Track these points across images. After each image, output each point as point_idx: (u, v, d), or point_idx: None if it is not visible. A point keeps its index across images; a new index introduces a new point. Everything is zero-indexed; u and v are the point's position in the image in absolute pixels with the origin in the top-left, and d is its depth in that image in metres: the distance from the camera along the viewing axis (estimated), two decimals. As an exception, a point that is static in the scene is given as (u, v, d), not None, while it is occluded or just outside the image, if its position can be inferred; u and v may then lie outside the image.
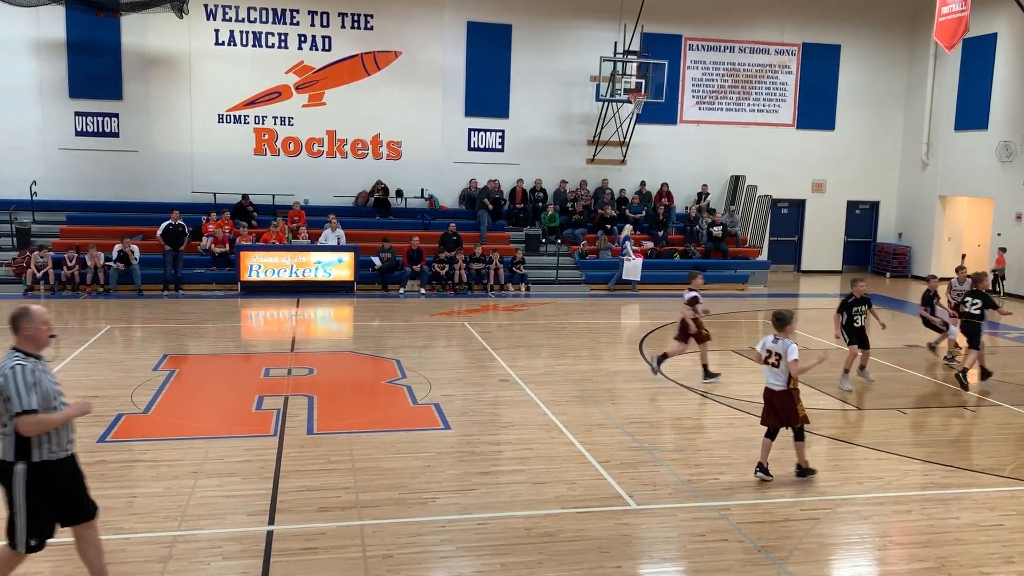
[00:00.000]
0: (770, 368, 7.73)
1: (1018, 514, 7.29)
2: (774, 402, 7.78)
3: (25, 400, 4.81)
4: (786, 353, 7.60)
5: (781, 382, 7.69)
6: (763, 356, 7.80)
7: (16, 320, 5.06)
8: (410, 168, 22.54)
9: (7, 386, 4.83)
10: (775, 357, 7.68)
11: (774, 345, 7.70)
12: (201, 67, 21.29)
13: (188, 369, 11.94)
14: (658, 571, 6.21)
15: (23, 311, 5.09)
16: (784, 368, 7.63)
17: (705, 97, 24.16)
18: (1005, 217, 21.90)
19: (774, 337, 7.74)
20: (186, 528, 6.56)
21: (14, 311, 5.13)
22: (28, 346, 5.05)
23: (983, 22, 21.48)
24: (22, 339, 5.05)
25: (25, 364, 4.91)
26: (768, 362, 7.74)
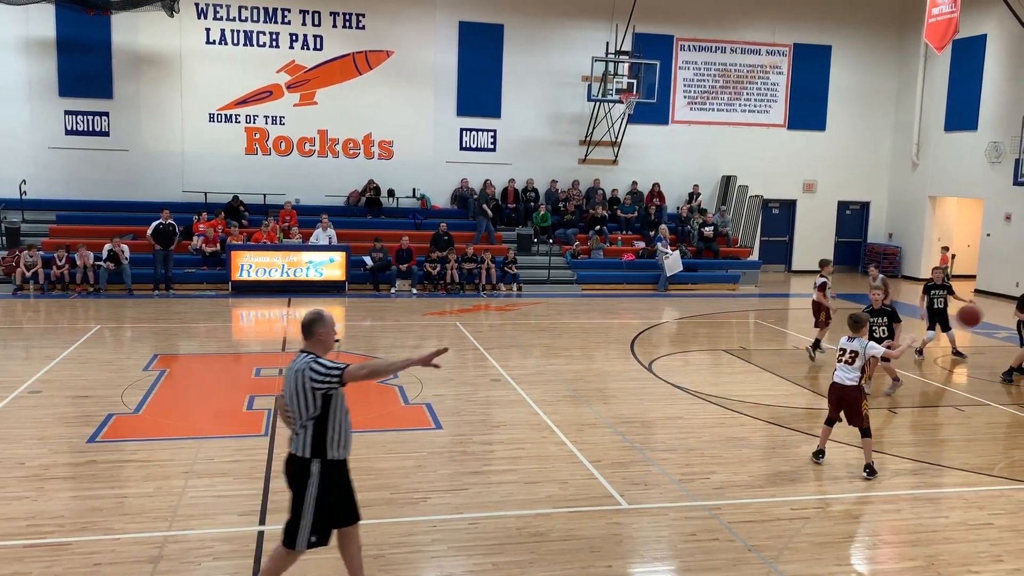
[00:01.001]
0: (843, 365, 8.16)
1: (1007, 513, 7.34)
2: (844, 396, 8.17)
3: (334, 367, 4.97)
4: (865, 350, 8.12)
5: (854, 378, 8.12)
6: (837, 354, 8.24)
7: (312, 324, 5.23)
8: (402, 168, 22.52)
9: (313, 368, 5.00)
10: (850, 355, 8.12)
11: (849, 343, 8.17)
12: (192, 66, 21.23)
13: (179, 369, 11.90)
14: (649, 570, 6.23)
15: (318, 316, 5.26)
16: (857, 365, 8.10)
17: (696, 97, 24.22)
18: (994, 217, 22.02)
19: (849, 336, 8.22)
20: (177, 528, 6.55)
21: (309, 315, 5.27)
22: (318, 349, 5.24)
23: (973, 23, 21.58)
24: (315, 342, 5.25)
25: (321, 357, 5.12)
26: (842, 360, 8.17)
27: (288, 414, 5.21)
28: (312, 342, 5.24)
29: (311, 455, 5.07)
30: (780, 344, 14.97)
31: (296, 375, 5.09)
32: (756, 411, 10.26)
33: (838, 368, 8.25)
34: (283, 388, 5.26)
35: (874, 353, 8.26)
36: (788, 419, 9.98)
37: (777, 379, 12.11)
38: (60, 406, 9.78)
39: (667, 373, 12.12)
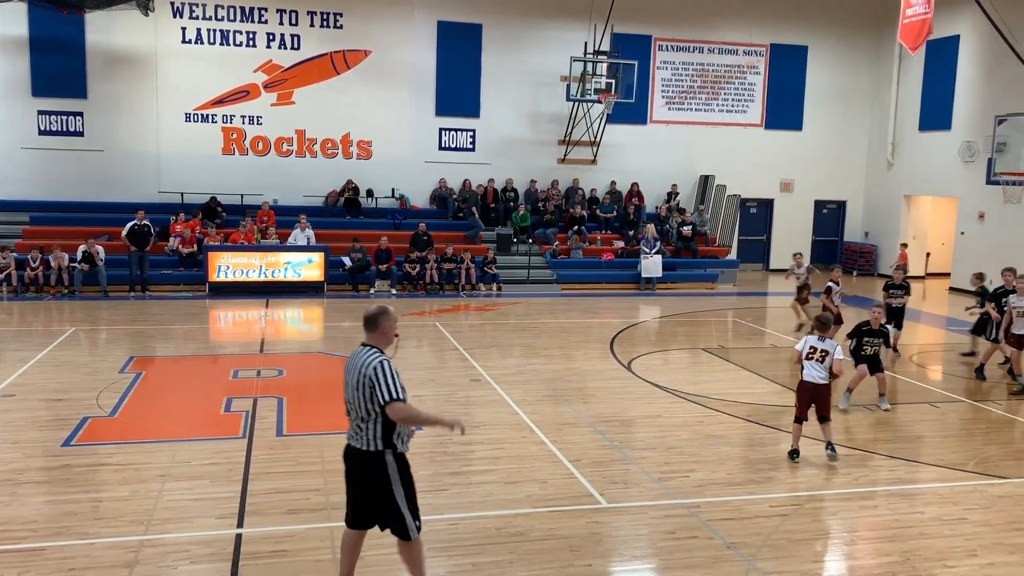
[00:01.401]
0: (813, 363, 8.40)
1: (981, 508, 7.42)
2: (815, 395, 8.43)
3: (395, 390, 5.02)
4: (834, 352, 8.37)
5: (821, 377, 8.37)
6: (806, 353, 8.44)
7: (377, 318, 5.27)
8: (380, 168, 22.44)
9: (377, 378, 5.02)
10: (820, 354, 8.36)
11: (820, 343, 8.41)
12: (168, 65, 21.04)
13: (155, 371, 11.79)
14: (628, 569, 6.24)
15: (383, 310, 5.33)
16: (828, 363, 8.35)
17: (674, 97, 24.32)
18: (968, 216, 22.28)
19: (819, 337, 8.47)
20: (153, 532, 6.48)
21: (375, 308, 5.33)
22: (380, 343, 5.29)
23: (946, 24, 21.82)
24: (379, 335, 5.29)
25: (389, 359, 5.18)
26: (812, 358, 8.40)
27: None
28: (376, 335, 5.28)
29: (383, 447, 5.15)
30: (758, 342, 15.06)
31: (361, 372, 5.11)
32: (735, 409, 10.32)
33: (808, 366, 8.41)
34: (345, 379, 5.28)
35: (838, 357, 8.40)
36: (766, 417, 10.05)
37: (756, 377, 12.18)
38: (34, 409, 9.66)
39: (646, 372, 12.16)
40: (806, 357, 8.44)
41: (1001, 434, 9.82)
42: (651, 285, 20.80)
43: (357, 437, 5.20)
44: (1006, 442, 9.52)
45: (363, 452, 5.17)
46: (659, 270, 20.79)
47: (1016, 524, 7.06)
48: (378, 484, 5.17)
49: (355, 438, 5.22)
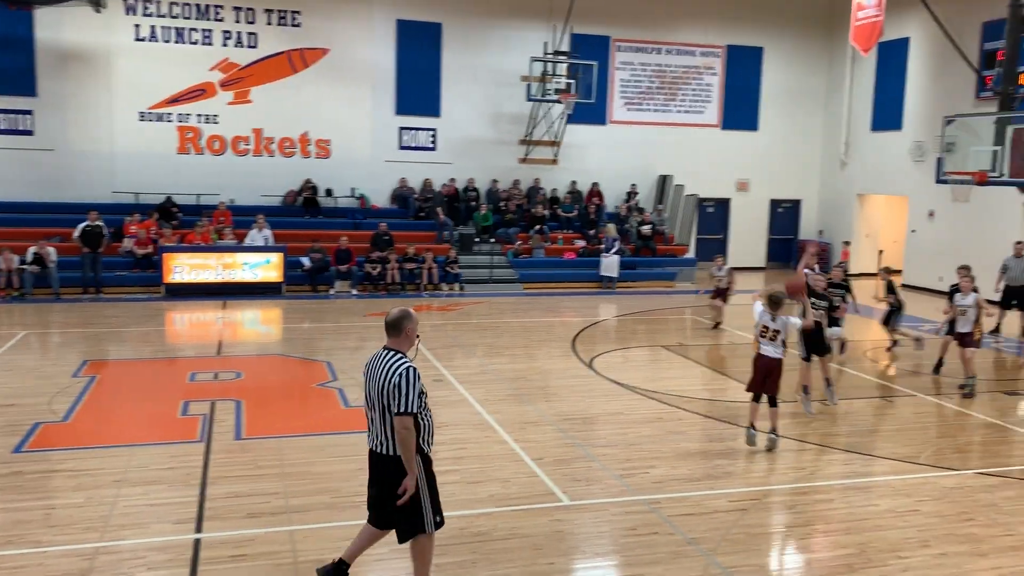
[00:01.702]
0: (767, 341, 8.70)
1: (932, 499, 7.60)
2: (771, 370, 8.72)
3: (412, 403, 5.03)
4: (787, 326, 8.69)
5: (779, 351, 8.71)
6: (760, 331, 8.76)
7: (401, 321, 5.23)
8: (340, 167, 22.28)
9: (401, 385, 5.02)
10: (772, 332, 8.67)
11: (772, 323, 8.67)
12: (121, 63, 20.65)
13: (109, 375, 11.57)
14: (591, 566, 6.28)
15: (406, 313, 5.29)
16: (780, 341, 8.67)
17: (633, 98, 24.51)
18: (919, 214, 22.79)
19: (772, 316, 8.68)
20: (109, 539, 6.36)
21: (397, 312, 5.27)
22: (405, 346, 5.24)
23: (896, 27, 22.29)
24: (403, 339, 5.24)
25: (414, 366, 5.14)
26: (766, 336, 8.70)
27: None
28: (400, 339, 5.25)
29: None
30: (716, 340, 15.24)
31: (385, 376, 5.11)
32: (693, 405, 10.44)
33: (763, 343, 8.77)
34: (365, 385, 5.26)
35: (794, 321, 8.84)
36: (724, 413, 10.18)
37: (713, 374, 12.34)
38: (-17, 415, 9.42)
39: (608, 370, 12.24)
40: (760, 335, 8.76)
41: (951, 427, 10.07)
42: (611, 284, 20.95)
43: (381, 442, 5.22)
44: (956, 435, 9.76)
45: (387, 457, 5.21)
46: (615, 270, 20.93)
47: (966, 515, 7.24)
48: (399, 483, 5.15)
49: (379, 443, 5.24)
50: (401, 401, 5.02)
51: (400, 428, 5.04)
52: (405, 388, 5.02)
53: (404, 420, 5.03)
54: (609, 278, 20.93)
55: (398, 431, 5.06)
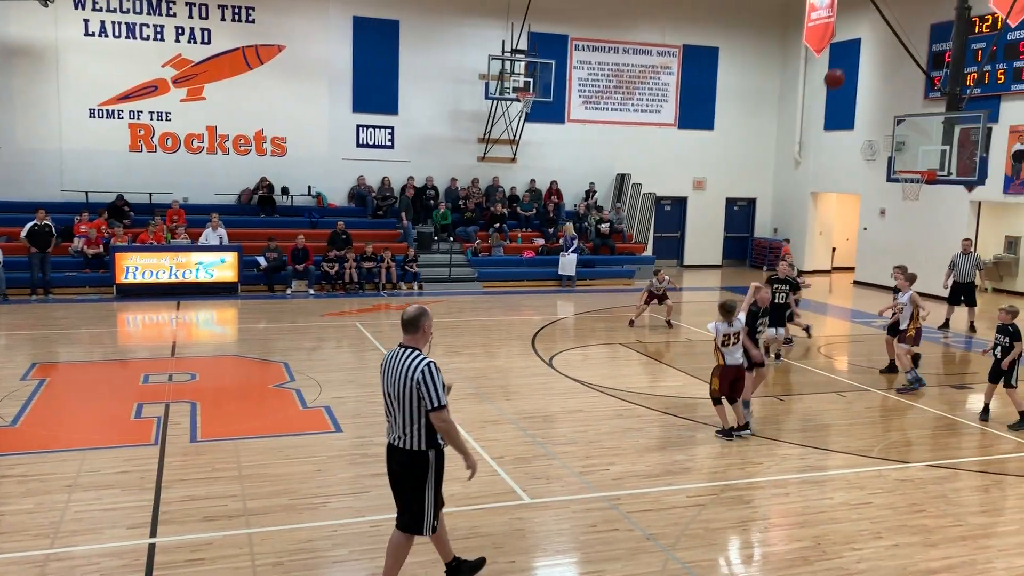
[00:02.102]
0: (732, 348, 8.92)
1: (885, 492, 7.77)
2: (739, 376, 9.01)
3: (442, 396, 5.18)
4: (741, 325, 8.95)
5: (741, 357, 8.98)
6: (721, 340, 8.91)
7: (419, 319, 5.36)
8: (296, 165, 22.04)
9: (425, 383, 5.15)
10: (734, 337, 8.89)
11: (730, 328, 8.88)
12: (70, 59, 20.18)
13: (60, 378, 11.31)
14: (551, 563, 6.30)
15: (423, 310, 5.42)
16: (739, 345, 8.91)
17: (591, 97, 24.63)
18: (870, 212, 23.27)
19: (727, 323, 8.87)
20: (60, 545, 6.22)
21: (414, 310, 5.40)
22: (422, 343, 5.38)
23: (848, 28, 22.73)
24: (419, 336, 5.37)
25: (433, 361, 5.28)
26: (728, 344, 8.89)
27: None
28: (417, 336, 5.38)
29: (426, 447, 5.29)
30: (673, 337, 15.39)
31: (405, 374, 5.22)
32: (652, 402, 10.53)
33: (727, 353, 8.92)
34: (383, 382, 5.38)
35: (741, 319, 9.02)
36: (682, 409, 10.28)
37: (671, 371, 12.45)
38: (-73, 421, 9.15)
39: (567, 368, 12.28)
40: (722, 344, 8.90)
41: (903, 421, 10.29)
42: (571, 282, 21.04)
43: (401, 437, 5.33)
44: (907, 428, 9.98)
45: (406, 451, 5.32)
46: (572, 269, 21.01)
47: (918, 506, 7.41)
48: (414, 481, 5.33)
49: (399, 438, 5.34)
50: (432, 398, 5.16)
51: (439, 423, 5.19)
52: (431, 384, 5.16)
53: (440, 414, 5.18)
54: (568, 277, 21.02)
55: (437, 426, 5.21)
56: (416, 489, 5.36)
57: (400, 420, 5.29)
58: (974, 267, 16.29)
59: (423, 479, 5.34)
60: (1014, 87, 19.07)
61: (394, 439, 5.38)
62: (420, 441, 5.28)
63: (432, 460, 5.34)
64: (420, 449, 5.29)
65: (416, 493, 5.36)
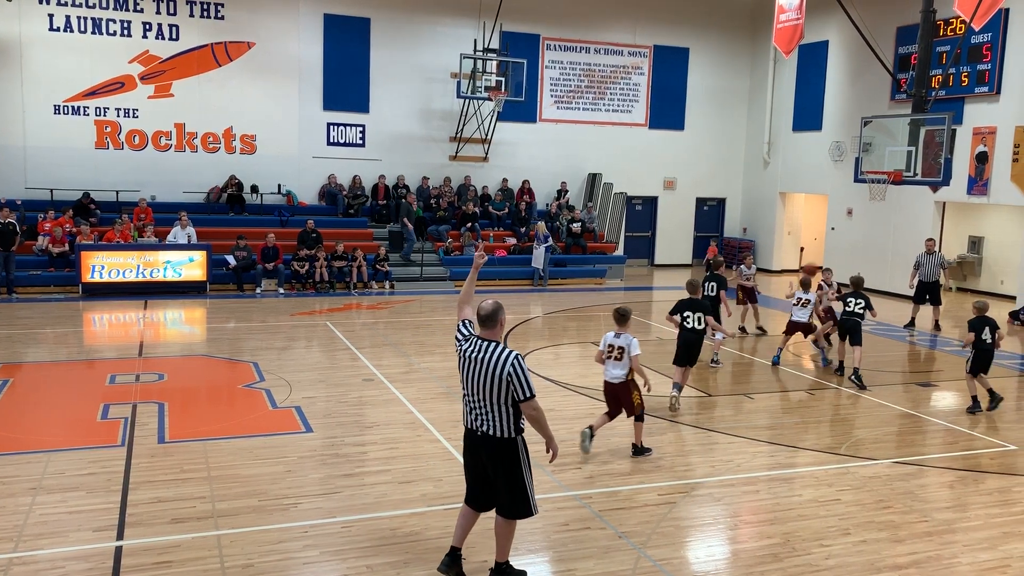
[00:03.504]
0: (612, 362, 8.23)
1: (853, 488, 7.87)
2: (617, 394, 8.37)
3: (532, 386, 5.44)
4: (629, 347, 8.19)
5: (622, 375, 8.23)
6: (605, 352, 8.28)
7: (497, 313, 5.60)
8: (266, 163, 21.85)
9: (518, 373, 5.38)
10: (618, 351, 8.19)
11: (616, 340, 8.22)
12: (34, 54, 19.83)
13: (24, 378, 11.11)
14: (524, 562, 6.29)
15: (500, 305, 5.65)
16: (626, 361, 8.19)
17: (563, 96, 24.68)
18: (837, 212, 23.56)
19: (616, 333, 8.25)
20: (24, 549, 6.11)
21: (493, 304, 5.59)
22: (499, 336, 5.62)
23: (816, 30, 23.00)
24: (497, 330, 5.61)
25: (520, 353, 5.49)
26: (612, 356, 8.22)
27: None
28: (496, 329, 5.61)
29: (514, 434, 5.52)
30: (645, 335, 15.47)
31: (493, 366, 5.41)
32: (624, 402, 10.55)
33: (608, 365, 8.27)
34: (467, 373, 5.56)
35: (636, 352, 8.17)
36: (653, 407, 10.32)
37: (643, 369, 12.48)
38: None
39: (539, 367, 12.29)
40: (607, 356, 8.28)
41: (869, 418, 10.42)
42: (542, 280, 21.05)
43: (488, 424, 5.50)
44: (874, 426, 10.11)
45: (496, 439, 5.50)
46: (542, 262, 21.00)
47: (884, 503, 7.52)
48: (508, 467, 5.52)
49: (485, 425, 5.51)
50: (524, 389, 5.39)
51: (530, 411, 5.45)
52: (522, 375, 5.39)
53: (531, 403, 5.43)
54: (539, 272, 21.01)
55: (528, 415, 5.47)
56: (514, 474, 5.54)
57: (488, 410, 5.49)
58: (938, 267, 16.55)
59: (518, 464, 5.54)
60: (977, 90, 19.42)
61: (481, 428, 5.54)
62: (510, 429, 5.49)
63: (521, 447, 5.56)
64: (511, 436, 5.50)
65: (515, 478, 5.54)
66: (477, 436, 5.59)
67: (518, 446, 5.57)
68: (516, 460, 5.56)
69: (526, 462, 5.60)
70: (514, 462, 5.55)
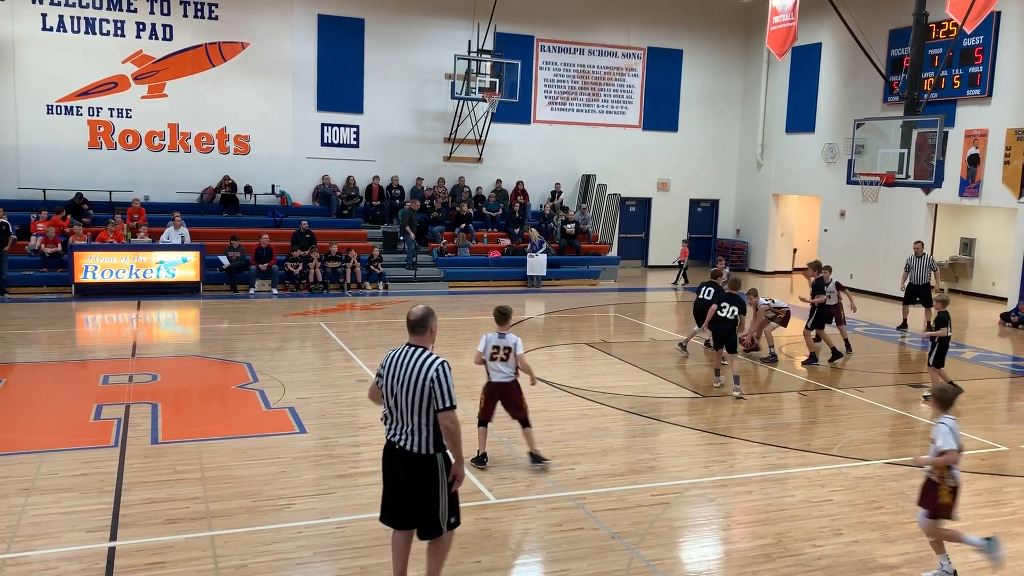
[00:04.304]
0: (499, 363, 7.98)
1: (845, 489, 7.90)
2: (503, 394, 8.07)
3: (454, 396, 5.09)
4: (515, 347, 8.01)
5: (510, 373, 8.02)
6: (489, 353, 7.98)
7: (427, 319, 5.28)
8: (259, 163, 21.82)
9: (439, 381, 5.05)
10: (504, 351, 7.96)
11: (501, 340, 7.97)
12: (27, 54, 19.77)
13: (16, 379, 11.08)
14: (517, 563, 6.32)
15: (431, 311, 5.33)
16: (512, 360, 7.99)
17: (557, 98, 24.71)
18: (830, 214, 23.64)
19: (499, 334, 8.00)
20: (17, 550, 6.10)
21: (421, 311, 5.30)
22: (428, 343, 5.29)
23: (809, 32, 23.08)
24: (427, 336, 5.29)
25: (447, 361, 5.19)
26: (496, 358, 7.97)
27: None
28: (425, 336, 5.30)
29: (435, 450, 5.17)
30: (638, 336, 15.50)
31: (417, 374, 5.11)
32: (617, 402, 10.60)
33: (492, 367, 7.99)
34: (389, 380, 5.24)
35: (521, 351, 8.06)
36: (647, 408, 10.36)
37: (636, 370, 12.54)
38: None
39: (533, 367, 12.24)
40: (490, 358, 7.97)
41: (862, 419, 10.46)
42: (536, 282, 21.09)
43: (408, 439, 5.17)
44: (866, 427, 10.15)
45: (413, 455, 5.15)
46: (543, 269, 21.12)
47: (876, 503, 7.55)
48: (425, 485, 5.18)
49: (405, 439, 5.18)
50: (444, 397, 5.07)
51: (448, 423, 5.07)
52: (445, 382, 5.08)
53: (450, 415, 5.07)
54: (537, 277, 21.06)
55: (445, 426, 5.08)
56: (428, 493, 5.18)
57: (408, 422, 5.15)
58: (928, 268, 16.60)
59: (435, 482, 5.18)
60: (969, 92, 19.51)
61: (399, 440, 5.21)
62: (429, 444, 5.14)
63: (441, 464, 5.19)
64: (429, 453, 5.15)
65: (429, 498, 5.19)
66: (395, 450, 5.23)
67: (437, 464, 5.18)
68: (434, 479, 5.17)
69: (444, 482, 5.21)
70: (431, 480, 5.17)
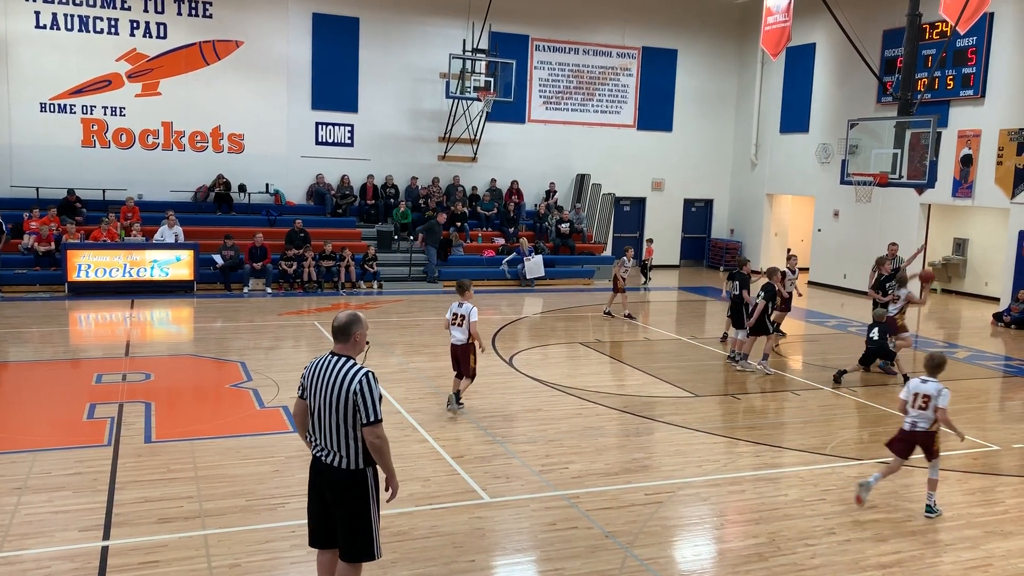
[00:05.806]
0: (456, 328, 9.71)
1: (838, 488, 7.92)
2: (458, 355, 9.80)
3: (380, 410, 4.79)
4: (469, 315, 9.65)
5: (463, 338, 9.70)
6: (449, 320, 9.78)
7: (351, 326, 4.93)
8: (254, 162, 21.78)
9: (364, 393, 4.75)
10: (460, 318, 9.67)
11: (458, 309, 9.69)
12: (20, 52, 19.70)
13: (9, 377, 11.05)
14: (511, 562, 6.32)
15: (356, 317, 4.97)
16: (466, 327, 9.65)
17: (552, 97, 24.72)
18: (824, 214, 23.69)
19: (459, 303, 9.70)
20: (9, 549, 6.08)
21: (346, 317, 4.96)
22: (353, 352, 4.94)
23: (804, 32, 23.12)
24: (351, 345, 4.94)
25: (372, 371, 4.86)
26: (456, 324, 9.71)
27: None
28: (348, 344, 4.94)
29: (364, 465, 4.88)
30: (632, 336, 15.52)
31: (339, 385, 4.78)
32: (611, 401, 10.61)
33: (453, 331, 9.71)
34: (312, 392, 4.91)
35: (475, 319, 9.64)
36: (641, 407, 10.38)
37: (629, 369, 12.56)
38: None
39: (527, 367, 12.32)
40: (451, 323, 9.75)
41: (855, 419, 10.50)
42: (531, 282, 21.09)
43: (333, 454, 4.85)
44: (859, 427, 10.19)
45: (341, 471, 4.84)
46: (541, 270, 21.09)
47: (869, 503, 7.56)
48: (353, 503, 4.87)
49: (330, 454, 4.86)
50: (370, 410, 4.75)
51: (373, 438, 4.76)
52: (370, 394, 4.76)
53: (375, 429, 4.75)
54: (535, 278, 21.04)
55: (371, 442, 4.77)
56: (359, 512, 4.88)
57: (332, 436, 4.83)
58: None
59: (365, 500, 4.88)
60: (963, 93, 19.57)
61: (325, 455, 4.88)
62: (357, 459, 4.84)
63: (371, 479, 4.91)
64: (358, 468, 4.85)
65: (360, 517, 4.88)
66: (321, 466, 4.90)
67: (367, 479, 4.88)
68: (363, 496, 4.87)
69: (374, 499, 4.92)
70: (360, 498, 4.86)
